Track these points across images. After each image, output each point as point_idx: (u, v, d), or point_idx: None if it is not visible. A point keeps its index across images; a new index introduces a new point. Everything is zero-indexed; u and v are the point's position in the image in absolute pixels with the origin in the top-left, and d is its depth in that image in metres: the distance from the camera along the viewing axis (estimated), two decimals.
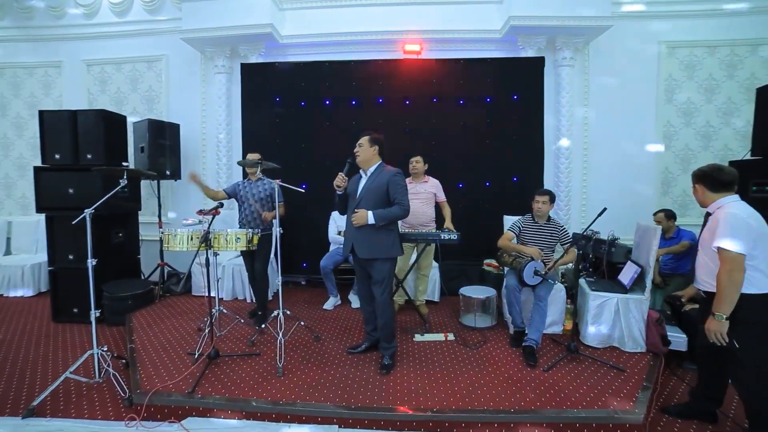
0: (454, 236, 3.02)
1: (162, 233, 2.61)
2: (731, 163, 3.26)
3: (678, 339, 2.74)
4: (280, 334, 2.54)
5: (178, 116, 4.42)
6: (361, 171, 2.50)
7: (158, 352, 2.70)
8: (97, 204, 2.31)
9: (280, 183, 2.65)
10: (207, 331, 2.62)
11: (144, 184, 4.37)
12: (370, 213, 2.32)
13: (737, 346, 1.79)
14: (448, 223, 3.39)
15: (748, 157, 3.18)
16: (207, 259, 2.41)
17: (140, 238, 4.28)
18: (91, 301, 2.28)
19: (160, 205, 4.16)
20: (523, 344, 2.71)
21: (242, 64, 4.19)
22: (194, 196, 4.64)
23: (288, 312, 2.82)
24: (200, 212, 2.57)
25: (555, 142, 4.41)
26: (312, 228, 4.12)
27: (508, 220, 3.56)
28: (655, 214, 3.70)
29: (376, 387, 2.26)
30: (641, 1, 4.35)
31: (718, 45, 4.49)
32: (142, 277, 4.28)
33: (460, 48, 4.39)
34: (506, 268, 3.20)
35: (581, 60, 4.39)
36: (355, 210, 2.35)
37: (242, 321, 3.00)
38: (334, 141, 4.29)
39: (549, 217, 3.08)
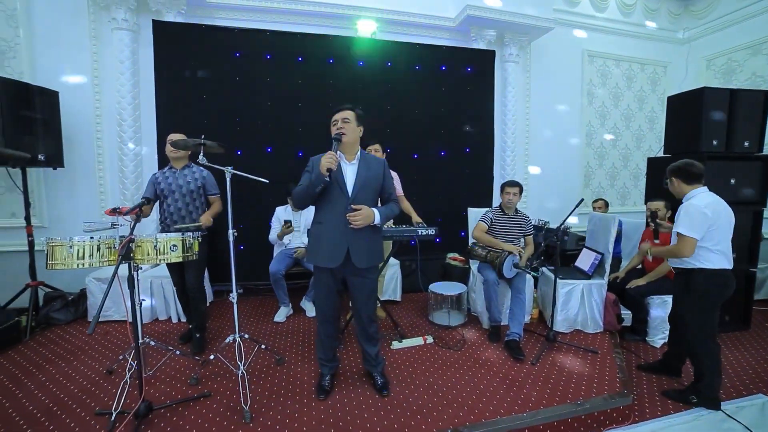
0: (432, 231, 2.80)
1: (45, 243, 1.78)
2: (650, 159, 3.78)
3: (626, 315, 3.03)
4: (241, 366, 1.99)
5: (54, 81, 3.20)
6: (340, 154, 1.93)
7: (41, 425, 1.79)
8: None
9: (233, 171, 2.04)
10: (129, 375, 1.91)
11: None
12: (375, 211, 1.90)
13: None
14: (417, 217, 3.16)
15: (661, 154, 3.70)
16: (132, 277, 1.71)
17: None
18: None
19: (28, 203, 2.97)
20: (507, 339, 2.66)
21: (155, 22, 3.23)
22: (84, 191, 3.50)
23: (246, 336, 2.25)
24: (114, 212, 1.81)
25: (502, 135, 4.57)
26: (244, 225, 3.41)
27: (473, 212, 3.52)
28: (594, 202, 4.09)
29: (374, 413, 1.92)
30: (570, 11, 4.76)
31: (620, 59, 5.21)
32: None
33: (415, 33, 4.19)
34: (478, 262, 3.13)
35: (524, 58, 4.61)
36: (353, 207, 1.86)
37: (178, 352, 2.29)
38: (278, 125, 3.68)
39: (516, 209, 3.11)
